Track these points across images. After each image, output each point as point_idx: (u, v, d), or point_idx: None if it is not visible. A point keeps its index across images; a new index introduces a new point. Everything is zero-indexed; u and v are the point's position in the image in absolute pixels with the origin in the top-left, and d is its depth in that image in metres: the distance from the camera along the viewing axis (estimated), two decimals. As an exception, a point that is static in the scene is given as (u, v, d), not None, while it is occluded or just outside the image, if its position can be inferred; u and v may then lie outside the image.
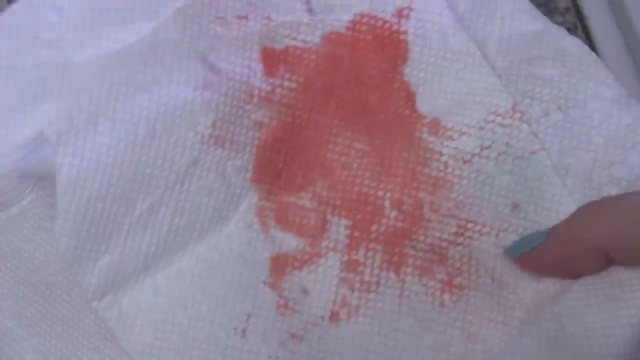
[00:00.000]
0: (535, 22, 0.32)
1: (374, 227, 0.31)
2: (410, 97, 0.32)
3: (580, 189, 0.31)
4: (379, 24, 0.32)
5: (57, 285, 0.34)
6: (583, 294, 0.28)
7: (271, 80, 0.32)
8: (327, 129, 0.32)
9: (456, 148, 0.31)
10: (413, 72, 0.32)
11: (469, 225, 0.31)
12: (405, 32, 0.32)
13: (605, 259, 0.27)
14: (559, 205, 0.31)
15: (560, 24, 0.34)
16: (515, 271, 0.31)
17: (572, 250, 0.28)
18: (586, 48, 0.32)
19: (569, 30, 0.34)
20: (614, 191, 0.31)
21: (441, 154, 0.31)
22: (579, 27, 0.44)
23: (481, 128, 0.31)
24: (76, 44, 0.30)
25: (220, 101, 0.30)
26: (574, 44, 0.32)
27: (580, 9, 0.44)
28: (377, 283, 0.31)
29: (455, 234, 0.31)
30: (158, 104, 0.29)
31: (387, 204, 0.31)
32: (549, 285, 0.30)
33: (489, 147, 0.31)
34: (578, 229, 0.28)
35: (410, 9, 0.32)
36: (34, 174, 0.29)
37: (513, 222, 0.31)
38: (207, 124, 0.30)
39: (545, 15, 0.33)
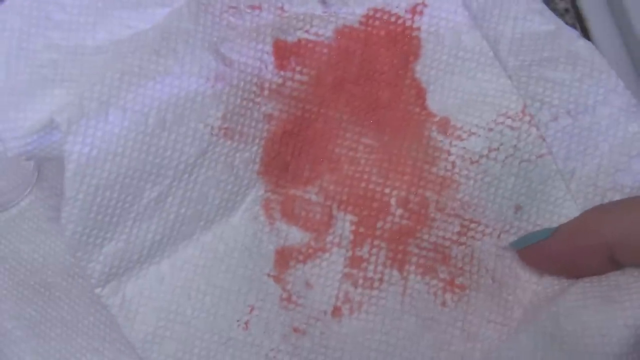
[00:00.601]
0: (548, 23, 0.32)
1: (379, 224, 0.31)
2: (420, 94, 0.32)
3: (584, 194, 0.31)
4: (392, 19, 0.32)
5: (56, 287, 0.34)
6: (581, 295, 0.29)
7: (282, 73, 0.31)
8: (337, 123, 0.32)
9: (464, 148, 0.31)
10: (424, 70, 0.32)
11: (472, 225, 0.31)
12: (418, 29, 0.32)
13: (609, 260, 0.28)
14: (561, 209, 0.31)
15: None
16: (515, 272, 0.31)
17: (578, 246, 0.28)
18: (598, 52, 0.32)
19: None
20: (617, 197, 0.31)
21: (449, 154, 0.32)
22: (579, 28, 0.44)
23: (490, 129, 0.31)
24: (88, 27, 0.30)
25: (231, 93, 0.30)
26: (586, 48, 0.32)
27: (580, 11, 0.44)
28: (380, 280, 0.31)
29: (459, 233, 0.31)
30: (169, 94, 0.29)
31: (393, 201, 0.32)
32: (548, 286, 0.31)
33: (497, 149, 0.31)
34: (585, 225, 0.29)
35: (424, 5, 0.32)
36: (41, 158, 0.29)
37: (515, 224, 0.31)
38: (218, 116, 0.30)
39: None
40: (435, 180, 0.32)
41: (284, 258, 0.31)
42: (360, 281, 0.31)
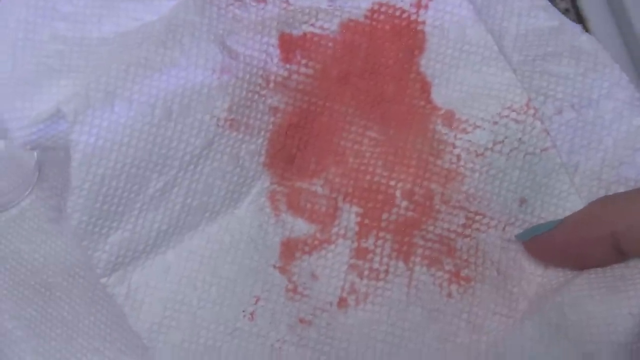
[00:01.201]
0: (552, 19, 0.32)
1: (384, 216, 0.32)
2: (425, 88, 0.32)
3: (588, 188, 0.31)
4: (397, 13, 0.32)
5: (57, 287, 0.34)
6: (586, 286, 0.29)
7: (288, 66, 0.32)
8: (342, 116, 0.32)
9: (469, 141, 0.32)
10: (429, 63, 0.32)
11: (477, 217, 0.32)
12: (423, 23, 0.32)
13: (615, 251, 0.28)
14: (565, 202, 0.31)
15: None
16: (520, 264, 0.31)
17: (583, 237, 0.28)
18: (601, 47, 0.32)
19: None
20: (621, 190, 0.31)
21: (454, 146, 0.32)
22: (579, 28, 0.44)
23: (495, 122, 0.31)
24: (94, 18, 0.30)
25: (237, 85, 0.30)
26: (589, 42, 0.32)
27: (580, 11, 0.44)
28: (386, 271, 0.31)
29: (464, 225, 0.31)
30: (175, 86, 0.29)
31: (398, 193, 0.32)
32: (553, 278, 0.31)
33: (502, 142, 0.31)
34: (591, 216, 0.29)
35: (429, -1, 0.32)
36: (47, 147, 0.29)
37: (520, 216, 0.31)
38: (224, 107, 0.30)
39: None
40: (440, 172, 0.32)
41: (290, 249, 0.31)
42: (366, 272, 0.31)
